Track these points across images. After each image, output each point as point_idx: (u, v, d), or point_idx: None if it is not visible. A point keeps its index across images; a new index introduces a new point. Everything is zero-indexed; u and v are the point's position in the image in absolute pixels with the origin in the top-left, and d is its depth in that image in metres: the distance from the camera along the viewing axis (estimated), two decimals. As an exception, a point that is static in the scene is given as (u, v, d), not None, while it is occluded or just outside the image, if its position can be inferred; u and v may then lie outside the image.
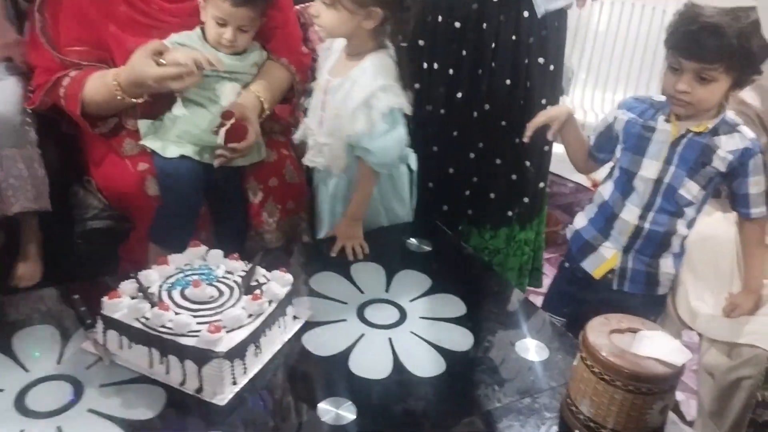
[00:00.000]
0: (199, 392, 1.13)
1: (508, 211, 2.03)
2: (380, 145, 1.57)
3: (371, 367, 1.23)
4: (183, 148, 1.66)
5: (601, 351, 1.07)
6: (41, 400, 1.11)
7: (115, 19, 1.68)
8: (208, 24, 1.69)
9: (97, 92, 1.66)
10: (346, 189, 1.70)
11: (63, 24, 1.68)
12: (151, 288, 1.23)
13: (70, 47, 1.69)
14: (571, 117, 1.71)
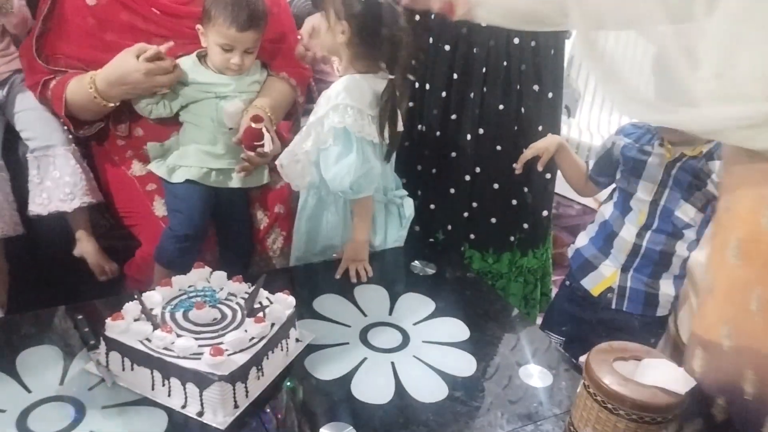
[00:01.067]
0: (201, 415, 1.12)
1: (510, 236, 2.02)
2: (333, 171, 1.55)
3: (373, 392, 1.23)
4: (189, 173, 1.68)
5: (604, 379, 1.06)
6: (43, 421, 1.10)
7: (115, 27, 1.70)
8: (211, 50, 1.69)
9: (76, 93, 1.68)
10: (314, 207, 1.68)
11: (62, 32, 1.70)
12: (154, 309, 1.23)
13: (60, 54, 1.71)
14: (563, 147, 1.74)
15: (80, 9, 1.69)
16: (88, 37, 1.70)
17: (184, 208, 1.67)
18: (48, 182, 1.74)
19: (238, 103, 1.71)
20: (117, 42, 1.69)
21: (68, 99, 1.69)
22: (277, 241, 1.79)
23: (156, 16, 1.72)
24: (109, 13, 1.70)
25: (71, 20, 1.69)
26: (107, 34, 1.70)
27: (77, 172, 1.75)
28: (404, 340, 1.39)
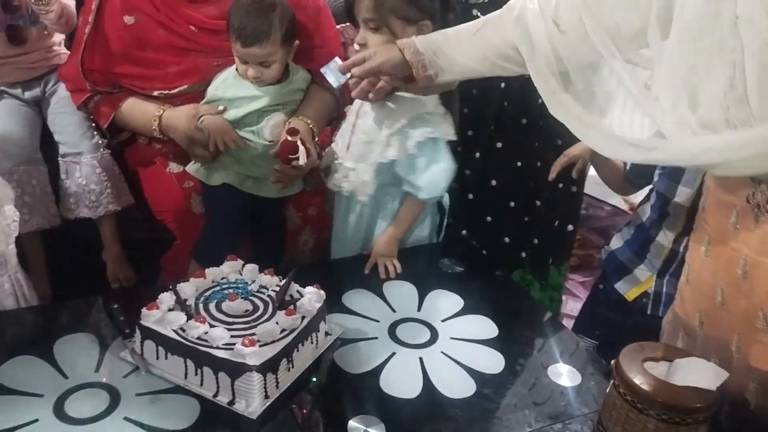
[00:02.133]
0: (232, 404, 1.14)
1: (522, 252, 2.00)
2: (428, 179, 1.57)
3: (401, 386, 1.23)
4: (226, 177, 1.69)
5: (635, 379, 1.06)
6: (79, 406, 1.13)
7: (153, 45, 1.72)
8: (236, 62, 1.70)
9: (134, 117, 1.75)
10: (370, 216, 1.69)
11: (102, 50, 1.74)
12: (188, 300, 1.26)
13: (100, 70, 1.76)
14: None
15: (119, 28, 1.71)
16: (127, 54, 1.73)
17: (222, 209, 1.70)
18: (75, 188, 1.79)
19: (279, 116, 1.71)
20: (155, 59, 1.72)
21: (123, 116, 1.75)
22: (309, 242, 1.82)
23: (193, 33, 1.73)
24: (147, 31, 1.72)
25: (111, 38, 1.72)
26: (146, 51, 1.73)
27: (103, 180, 1.81)
28: (432, 336, 1.39)
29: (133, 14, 1.71)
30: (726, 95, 0.96)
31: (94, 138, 1.83)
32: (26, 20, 1.83)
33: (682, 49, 0.99)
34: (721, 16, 0.94)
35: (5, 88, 1.85)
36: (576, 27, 1.13)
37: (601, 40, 1.09)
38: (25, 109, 1.85)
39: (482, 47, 1.28)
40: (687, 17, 0.97)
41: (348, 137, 1.65)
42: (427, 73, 1.35)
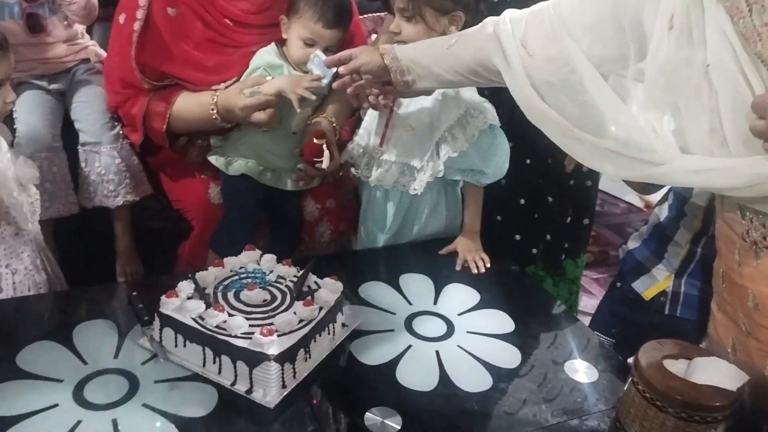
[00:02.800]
0: (249, 393, 1.15)
1: (533, 248, 1.99)
2: (495, 164, 1.61)
3: (418, 379, 1.24)
4: (245, 167, 1.69)
5: (654, 376, 1.06)
6: (98, 392, 1.14)
7: (191, 37, 1.71)
8: (292, 43, 1.67)
9: (190, 111, 1.70)
10: (409, 203, 1.71)
11: (151, 46, 1.71)
12: (206, 288, 1.26)
13: (147, 65, 1.73)
14: None
15: (162, 19, 1.69)
16: (167, 47, 1.70)
17: (240, 200, 1.70)
18: (93, 177, 1.80)
19: (305, 110, 1.70)
20: (192, 53, 1.70)
21: (174, 114, 1.70)
22: (325, 234, 1.82)
23: (227, 27, 1.72)
24: (186, 23, 1.70)
25: (159, 32, 1.69)
26: (185, 44, 1.70)
27: (122, 171, 1.82)
28: (449, 329, 1.39)
29: (175, 5, 1.69)
30: (710, 139, 0.99)
31: (114, 129, 1.83)
32: (46, 9, 1.83)
33: (659, 92, 1.03)
34: (693, 63, 0.97)
35: (31, 80, 1.85)
36: (543, 51, 1.18)
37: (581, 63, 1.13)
38: (48, 98, 1.86)
39: (454, 61, 1.34)
40: (660, 62, 1.00)
41: (382, 130, 1.65)
42: (405, 79, 1.40)
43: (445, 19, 1.52)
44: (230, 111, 1.63)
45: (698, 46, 0.96)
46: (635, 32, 1.07)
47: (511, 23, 1.24)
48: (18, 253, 1.49)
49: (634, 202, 3.29)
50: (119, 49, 1.72)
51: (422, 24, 1.52)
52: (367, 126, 1.68)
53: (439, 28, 1.53)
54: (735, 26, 0.93)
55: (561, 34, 1.17)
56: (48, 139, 1.78)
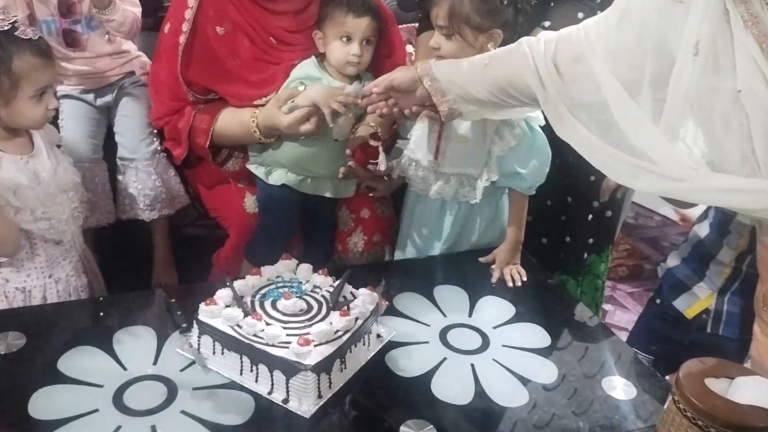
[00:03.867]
0: (286, 402, 1.16)
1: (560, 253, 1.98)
2: (532, 166, 1.61)
3: (453, 392, 1.23)
4: (286, 177, 1.71)
5: (696, 395, 1.04)
6: (138, 398, 1.16)
7: (238, 56, 1.72)
8: (331, 46, 1.69)
9: (232, 129, 1.72)
10: (466, 214, 1.71)
11: (196, 61, 1.73)
12: (244, 297, 1.27)
13: (193, 82, 1.74)
14: None
15: (212, 38, 1.71)
16: (219, 65, 1.72)
17: (277, 211, 1.71)
18: (130, 190, 1.84)
19: (348, 116, 1.70)
20: (240, 70, 1.72)
21: (217, 130, 1.72)
22: (358, 244, 1.82)
23: (272, 45, 1.74)
24: (236, 41, 1.72)
25: (206, 48, 1.71)
26: (233, 61, 1.72)
27: (157, 186, 1.85)
28: (484, 342, 1.38)
29: (223, 24, 1.70)
30: (742, 166, 0.98)
31: (152, 144, 1.86)
32: (83, 25, 1.85)
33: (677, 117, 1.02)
34: (719, 90, 0.96)
35: (76, 94, 1.89)
36: (571, 70, 1.20)
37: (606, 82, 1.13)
38: (93, 109, 1.89)
39: (488, 81, 1.34)
40: (683, 89, 0.99)
41: (435, 144, 1.65)
42: (446, 99, 1.40)
43: (483, 36, 1.53)
44: (273, 128, 1.65)
45: (726, 74, 0.95)
46: (659, 57, 1.07)
47: (544, 44, 1.25)
48: (60, 261, 1.52)
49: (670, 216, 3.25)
50: (166, 60, 1.74)
51: (461, 41, 1.53)
52: (417, 140, 1.68)
53: (478, 46, 1.54)
54: (764, 52, 0.92)
55: (588, 55, 1.18)
56: (89, 151, 1.81)
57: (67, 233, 1.51)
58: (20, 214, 1.42)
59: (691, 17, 0.97)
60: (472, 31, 1.52)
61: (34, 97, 1.40)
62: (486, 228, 1.74)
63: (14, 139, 1.46)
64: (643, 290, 2.70)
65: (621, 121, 1.12)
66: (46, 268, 1.49)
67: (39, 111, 1.42)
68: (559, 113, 1.22)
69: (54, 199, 1.47)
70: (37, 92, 1.40)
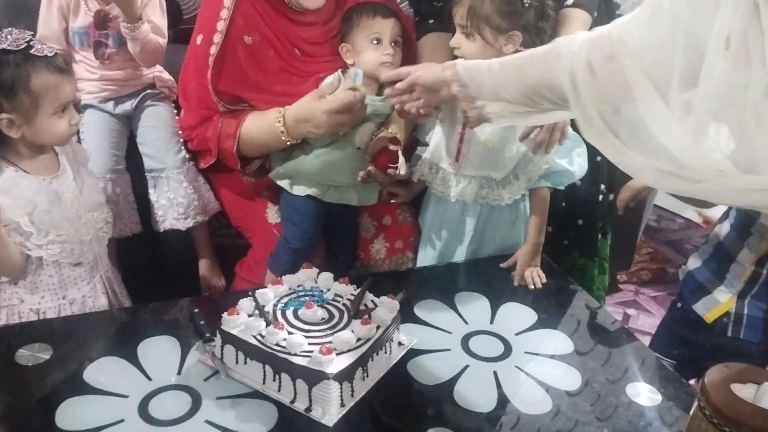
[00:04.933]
0: (309, 411, 1.16)
1: (564, 239, 1.97)
2: (578, 162, 1.63)
3: (476, 400, 1.23)
4: (310, 188, 1.71)
5: (722, 401, 1.02)
6: (162, 408, 1.17)
7: (264, 66, 1.72)
8: (364, 54, 1.69)
9: (258, 129, 1.70)
10: (487, 217, 1.72)
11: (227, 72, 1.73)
12: (266, 306, 1.28)
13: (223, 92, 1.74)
14: None
15: (240, 46, 1.71)
16: (243, 74, 1.72)
17: (300, 221, 1.72)
18: (163, 201, 1.86)
19: (369, 125, 1.72)
20: (263, 82, 1.72)
21: (243, 134, 1.71)
22: (381, 251, 1.83)
23: (296, 57, 1.74)
24: (262, 51, 1.72)
25: (235, 58, 1.71)
26: (257, 73, 1.72)
27: (189, 193, 1.86)
28: (506, 349, 1.38)
29: (251, 34, 1.70)
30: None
31: (180, 153, 1.88)
32: (114, 40, 1.88)
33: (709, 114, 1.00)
34: (750, 85, 0.94)
35: (96, 104, 1.91)
36: (604, 68, 1.17)
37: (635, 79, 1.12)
38: (114, 120, 1.92)
39: (522, 83, 1.31)
40: (713, 84, 0.98)
41: (456, 146, 1.66)
42: (476, 105, 1.36)
43: (502, 37, 1.54)
44: (304, 121, 1.63)
45: (757, 67, 0.94)
46: (689, 53, 1.06)
47: (578, 43, 1.24)
48: (76, 282, 1.52)
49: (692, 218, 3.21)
50: (195, 70, 1.74)
51: (481, 41, 1.55)
52: (437, 143, 1.69)
53: (497, 46, 1.55)
54: None
55: (620, 53, 1.17)
56: (112, 162, 1.83)
57: (88, 254, 1.51)
58: (29, 240, 1.42)
59: (722, 10, 0.96)
60: (491, 31, 1.53)
61: (55, 113, 1.41)
62: (508, 230, 1.73)
63: (38, 158, 1.46)
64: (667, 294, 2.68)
65: (649, 121, 1.11)
66: (59, 290, 1.49)
67: (62, 127, 1.43)
68: (588, 116, 1.21)
69: (78, 221, 1.48)
70: (58, 108, 1.41)
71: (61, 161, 1.51)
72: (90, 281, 1.54)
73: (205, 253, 1.96)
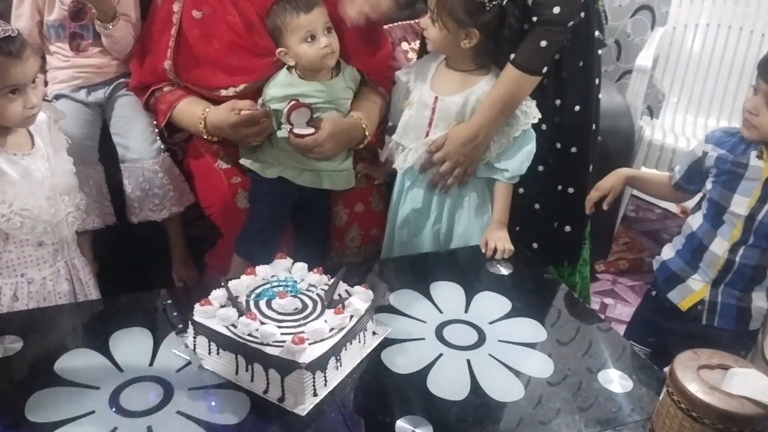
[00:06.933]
0: (281, 401, 1.16)
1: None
2: (516, 160, 1.68)
3: (449, 388, 1.23)
4: (282, 171, 1.71)
5: (690, 387, 1.04)
6: (134, 399, 1.16)
7: (217, 39, 1.76)
8: (302, 54, 1.70)
9: (185, 118, 1.79)
10: (454, 199, 1.76)
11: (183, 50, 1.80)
12: (239, 297, 1.28)
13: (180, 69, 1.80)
14: (633, 179, 1.76)
15: (189, 23, 1.76)
16: (195, 50, 1.76)
17: (267, 201, 1.72)
18: (138, 192, 1.83)
19: (333, 113, 1.75)
20: (217, 55, 1.76)
21: (174, 117, 1.80)
22: (355, 239, 1.83)
23: (251, 28, 1.75)
24: (212, 24, 1.75)
25: (185, 34, 1.77)
26: (211, 46, 1.75)
27: (165, 184, 1.85)
28: (480, 338, 1.38)
29: (201, 8, 1.75)
30: None
31: (155, 143, 1.87)
32: (90, 32, 1.87)
33: None
34: None
35: (68, 93, 1.90)
36: None
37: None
38: (86, 110, 1.90)
39: None
40: None
41: (425, 130, 1.71)
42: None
43: (462, 32, 1.59)
44: (219, 129, 1.72)
45: None
46: None
47: None
48: (36, 262, 1.50)
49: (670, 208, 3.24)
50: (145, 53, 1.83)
51: (444, 30, 1.59)
52: (404, 125, 1.73)
53: (457, 40, 1.60)
54: None
55: None
56: (85, 152, 1.81)
57: (53, 236, 1.50)
58: None
59: None
60: (453, 23, 1.57)
61: (4, 95, 1.38)
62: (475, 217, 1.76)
63: (9, 137, 1.45)
64: (644, 283, 2.69)
65: None
66: (18, 266, 1.48)
67: (14, 109, 1.40)
68: None
69: (46, 201, 1.46)
70: (5, 90, 1.38)
71: (36, 142, 1.49)
72: (53, 264, 1.52)
73: (177, 244, 1.95)
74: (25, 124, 1.47)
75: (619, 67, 3.37)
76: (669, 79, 2.97)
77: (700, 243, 1.57)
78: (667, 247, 1.68)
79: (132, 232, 1.89)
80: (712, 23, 2.88)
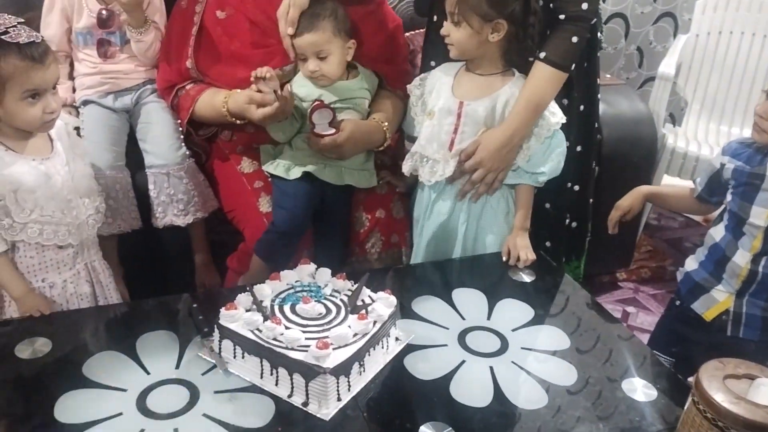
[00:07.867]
0: (305, 405, 1.17)
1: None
2: (553, 162, 1.68)
3: (472, 395, 1.23)
4: (306, 166, 1.74)
5: (716, 396, 1.03)
6: (161, 402, 1.18)
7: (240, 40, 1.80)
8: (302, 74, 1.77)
9: (207, 107, 1.82)
10: (480, 211, 1.75)
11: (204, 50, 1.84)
12: (264, 302, 1.29)
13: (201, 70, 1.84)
14: (653, 196, 1.77)
15: (213, 21, 1.80)
16: (216, 50, 1.80)
17: (289, 205, 1.73)
18: (163, 197, 1.86)
19: (351, 113, 1.77)
20: (240, 55, 1.79)
21: (197, 110, 1.83)
22: (377, 245, 1.83)
23: (273, 27, 1.77)
24: (236, 24, 1.78)
25: (209, 34, 1.81)
26: (232, 45, 1.79)
27: (190, 190, 1.88)
28: (502, 345, 1.38)
29: (225, 9, 1.79)
30: None
31: (181, 149, 1.89)
32: (118, 38, 1.91)
33: None
34: None
35: (96, 99, 1.93)
36: None
37: None
38: (114, 116, 1.93)
39: None
40: None
41: (450, 137, 1.69)
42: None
43: (488, 26, 1.58)
44: (241, 111, 1.74)
45: None
46: None
47: None
48: (57, 266, 1.52)
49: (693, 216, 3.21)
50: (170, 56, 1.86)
51: (468, 29, 1.58)
52: (427, 136, 1.71)
53: (484, 35, 1.59)
54: None
55: None
56: (111, 158, 1.84)
57: (74, 238, 1.51)
58: (9, 216, 1.42)
59: None
60: (478, 19, 1.56)
61: (24, 99, 1.40)
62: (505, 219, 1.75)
63: (29, 140, 1.47)
64: (666, 292, 2.67)
65: None
66: (38, 272, 1.50)
67: (33, 113, 1.41)
68: None
69: (67, 204, 1.48)
70: (25, 95, 1.40)
71: (55, 145, 1.51)
72: (73, 266, 1.54)
73: (200, 249, 1.97)
74: (44, 129, 1.48)
75: (642, 74, 3.35)
76: (692, 86, 2.95)
77: (722, 254, 1.56)
78: (690, 259, 1.67)
79: (156, 236, 1.91)
80: (736, 30, 2.86)
